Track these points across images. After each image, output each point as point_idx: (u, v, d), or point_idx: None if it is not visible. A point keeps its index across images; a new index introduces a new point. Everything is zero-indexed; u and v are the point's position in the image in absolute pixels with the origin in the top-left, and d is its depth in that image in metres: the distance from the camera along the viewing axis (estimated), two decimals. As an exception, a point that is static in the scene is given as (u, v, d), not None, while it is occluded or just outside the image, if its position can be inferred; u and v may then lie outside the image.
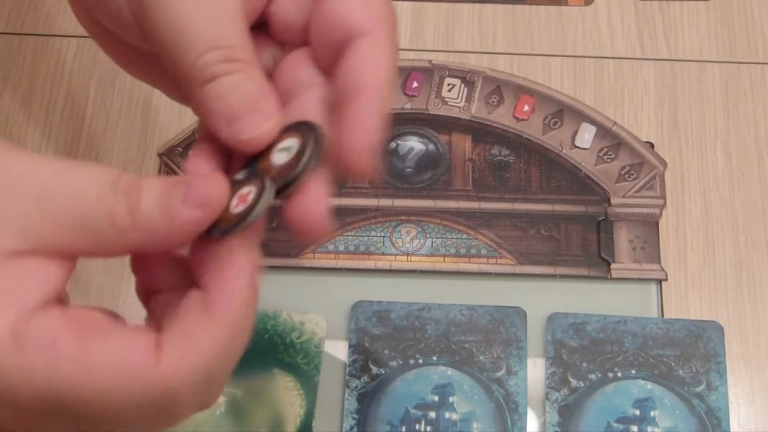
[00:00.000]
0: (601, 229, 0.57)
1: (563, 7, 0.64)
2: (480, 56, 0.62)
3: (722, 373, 0.53)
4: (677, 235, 0.57)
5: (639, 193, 0.58)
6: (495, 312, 0.55)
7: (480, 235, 0.57)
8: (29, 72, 0.62)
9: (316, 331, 0.54)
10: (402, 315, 0.55)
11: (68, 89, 0.61)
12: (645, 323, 0.55)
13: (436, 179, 0.59)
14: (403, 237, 0.57)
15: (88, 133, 0.60)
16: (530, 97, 0.61)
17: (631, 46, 0.63)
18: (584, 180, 0.58)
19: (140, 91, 0.61)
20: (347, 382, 0.53)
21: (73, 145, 0.60)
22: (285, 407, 0.53)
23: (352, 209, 0.58)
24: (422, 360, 0.54)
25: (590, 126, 0.60)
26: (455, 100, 0.60)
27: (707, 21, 0.63)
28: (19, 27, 0.63)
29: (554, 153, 0.59)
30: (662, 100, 0.61)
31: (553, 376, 0.53)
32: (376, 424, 0.52)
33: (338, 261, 0.57)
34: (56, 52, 0.62)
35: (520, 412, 0.53)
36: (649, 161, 0.59)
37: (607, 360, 0.54)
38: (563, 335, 0.54)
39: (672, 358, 0.54)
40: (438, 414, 0.53)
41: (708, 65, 0.62)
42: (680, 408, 0.53)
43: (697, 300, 0.56)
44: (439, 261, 0.57)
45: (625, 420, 0.52)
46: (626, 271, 0.56)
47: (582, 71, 0.62)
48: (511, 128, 0.60)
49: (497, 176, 0.59)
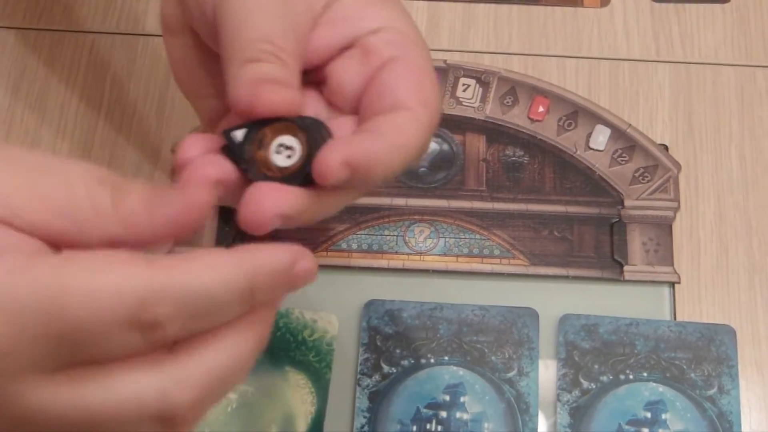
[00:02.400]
0: (614, 231, 0.57)
1: (579, 9, 0.64)
2: (495, 57, 0.62)
3: (734, 377, 0.53)
4: (690, 238, 0.57)
5: (653, 195, 0.58)
6: (507, 312, 0.55)
7: (493, 236, 0.57)
8: (45, 67, 0.62)
9: (328, 329, 0.54)
10: (414, 314, 0.55)
11: (84, 85, 0.61)
12: (657, 326, 0.55)
13: (449, 179, 0.59)
14: (417, 236, 0.57)
15: (102, 128, 0.60)
16: (545, 98, 0.60)
17: (647, 49, 0.62)
18: (598, 182, 0.58)
19: (155, 88, 0.61)
20: (359, 381, 0.53)
21: (87, 141, 0.60)
22: (296, 405, 0.53)
23: (366, 208, 0.58)
24: (434, 359, 0.54)
25: (605, 128, 0.60)
26: (470, 100, 0.60)
27: (723, 24, 0.63)
28: (35, 22, 0.63)
29: (568, 154, 0.59)
30: (677, 103, 0.61)
31: (565, 377, 0.53)
32: (387, 423, 0.52)
33: (351, 259, 0.57)
34: (72, 48, 0.63)
35: (531, 413, 0.53)
36: (663, 164, 0.59)
37: (619, 362, 0.54)
38: (575, 337, 0.54)
39: (684, 361, 0.54)
40: (449, 414, 0.53)
41: (723, 68, 0.62)
42: (692, 411, 0.53)
43: (709, 303, 0.56)
44: (452, 261, 0.57)
45: (637, 422, 0.52)
46: (639, 273, 0.56)
47: (597, 73, 0.62)
48: (525, 129, 0.60)
49: (511, 177, 0.59)
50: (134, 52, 0.62)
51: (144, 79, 0.62)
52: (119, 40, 0.63)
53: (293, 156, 0.36)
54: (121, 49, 0.63)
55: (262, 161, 0.36)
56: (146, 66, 0.62)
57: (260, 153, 0.36)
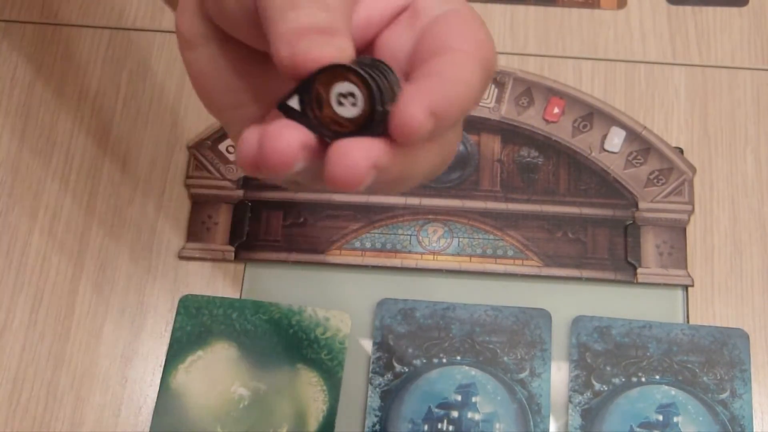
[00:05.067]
0: (628, 233, 0.57)
1: (595, 10, 0.64)
2: (511, 57, 0.62)
3: (747, 381, 0.53)
4: (705, 241, 0.57)
5: (667, 198, 0.58)
6: (520, 313, 0.55)
7: (507, 236, 0.57)
8: (62, 62, 0.62)
9: (341, 328, 0.55)
10: (427, 314, 0.55)
11: (100, 80, 0.62)
12: (670, 329, 0.55)
13: (464, 179, 0.59)
14: (430, 236, 0.57)
15: (118, 124, 0.60)
16: (560, 100, 0.60)
17: (663, 51, 0.62)
18: (612, 184, 0.58)
19: (171, 84, 0.61)
20: (371, 380, 0.54)
21: (103, 136, 0.60)
22: (308, 402, 0.53)
23: (380, 207, 0.58)
24: (446, 359, 0.54)
25: (620, 130, 0.60)
26: (485, 100, 0.60)
27: (740, 28, 0.63)
28: (53, 17, 0.64)
29: (583, 156, 0.59)
30: (693, 106, 0.61)
31: (577, 379, 0.53)
32: (399, 422, 0.53)
33: (364, 258, 0.57)
34: (89, 43, 0.63)
35: (542, 414, 0.53)
36: (678, 167, 0.59)
37: (632, 364, 0.54)
38: (588, 338, 0.54)
39: (696, 365, 0.54)
40: (461, 414, 0.53)
41: (740, 72, 0.62)
42: (704, 415, 0.52)
43: (723, 307, 0.56)
44: (465, 261, 0.57)
45: (648, 425, 0.52)
46: (652, 276, 0.56)
47: (613, 75, 0.62)
48: (540, 130, 0.60)
49: (525, 178, 0.59)
50: (151, 48, 0.63)
51: (160, 75, 0.62)
52: (135, 36, 0.63)
53: (357, 102, 0.32)
54: (138, 45, 0.63)
55: (329, 119, 0.32)
56: (163, 62, 0.62)
57: (324, 112, 0.32)
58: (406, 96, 0.32)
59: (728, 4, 0.64)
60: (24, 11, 0.64)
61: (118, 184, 0.59)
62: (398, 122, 0.31)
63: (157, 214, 0.58)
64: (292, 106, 0.33)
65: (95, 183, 0.59)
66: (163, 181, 0.59)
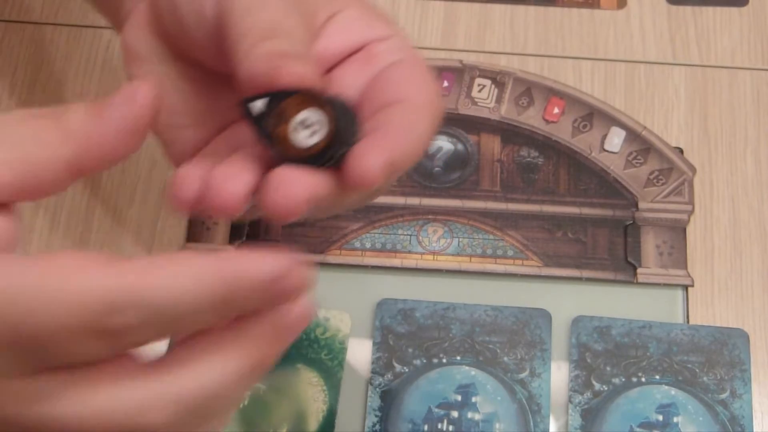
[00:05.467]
0: (628, 233, 0.57)
1: (595, 10, 0.64)
2: (511, 57, 0.62)
3: (747, 381, 0.53)
4: (705, 241, 0.57)
5: (667, 198, 0.58)
6: (520, 313, 0.55)
7: (507, 236, 0.57)
8: (62, 62, 0.62)
9: (341, 328, 0.55)
10: (427, 314, 0.55)
11: (100, 81, 0.62)
12: (670, 329, 0.55)
13: (464, 179, 0.59)
14: (430, 236, 0.57)
15: (118, 124, 0.60)
16: (560, 100, 0.60)
17: (663, 51, 0.62)
18: (612, 184, 0.58)
19: (171, 83, 0.61)
20: (371, 380, 0.54)
21: (103, 136, 0.60)
22: (308, 402, 0.53)
23: (380, 207, 0.58)
24: (446, 359, 0.54)
25: (620, 130, 0.60)
26: (485, 100, 0.60)
27: (740, 28, 0.63)
28: (53, 17, 0.64)
29: (583, 156, 0.59)
30: (693, 106, 0.61)
31: (577, 379, 0.53)
32: (399, 422, 0.53)
33: (364, 258, 0.57)
34: (89, 43, 0.63)
35: (542, 414, 0.53)
36: (678, 167, 0.59)
37: (631, 365, 0.54)
38: (588, 338, 0.54)
39: (696, 365, 0.54)
40: (461, 414, 0.53)
41: (740, 72, 0.62)
42: (703, 415, 0.52)
43: (723, 307, 0.56)
44: (465, 261, 0.57)
45: (648, 425, 0.52)
46: (652, 276, 0.56)
47: (613, 75, 0.62)
48: (540, 130, 0.60)
49: (525, 178, 0.59)
50: (151, 48, 0.63)
51: (160, 76, 0.62)
52: (136, 36, 0.63)
53: (317, 134, 0.33)
54: (138, 45, 0.63)
55: (282, 138, 0.33)
56: (162, 62, 0.62)
57: (281, 128, 0.33)
58: (368, 146, 0.33)
59: (728, 4, 0.64)
60: (24, 11, 0.64)
61: (118, 184, 0.59)
62: (357, 171, 0.33)
63: (157, 214, 0.58)
64: (254, 107, 0.33)
65: (95, 183, 0.59)
66: (163, 181, 0.59)
